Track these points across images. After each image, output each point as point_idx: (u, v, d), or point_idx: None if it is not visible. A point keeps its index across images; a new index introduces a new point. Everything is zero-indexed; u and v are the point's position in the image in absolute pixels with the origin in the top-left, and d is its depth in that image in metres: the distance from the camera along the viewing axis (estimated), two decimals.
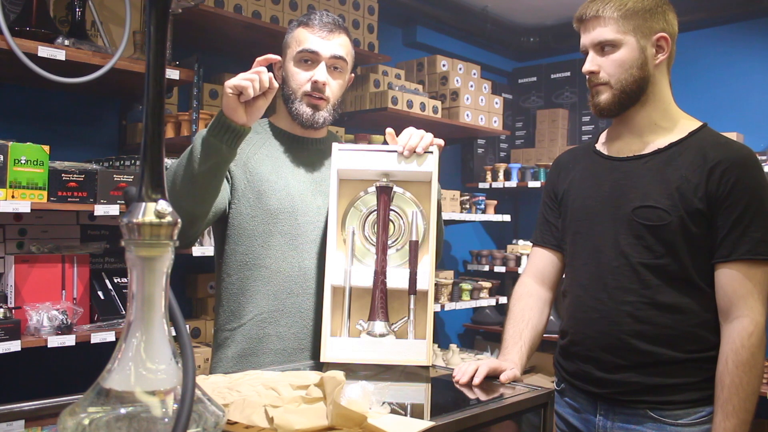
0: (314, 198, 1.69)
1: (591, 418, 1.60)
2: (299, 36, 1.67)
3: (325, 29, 1.66)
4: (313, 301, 1.65)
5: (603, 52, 1.55)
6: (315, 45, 1.65)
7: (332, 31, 1.67)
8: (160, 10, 0.72)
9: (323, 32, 1.66)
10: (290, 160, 1.71)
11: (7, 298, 2.38)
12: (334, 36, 1.67)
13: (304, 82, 1.66)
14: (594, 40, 1.55)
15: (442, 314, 4.45)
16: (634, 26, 1.52)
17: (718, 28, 4.29)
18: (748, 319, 1.44)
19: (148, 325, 0.73)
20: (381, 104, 3.63)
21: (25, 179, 2.26)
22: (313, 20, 1.66)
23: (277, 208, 1.64)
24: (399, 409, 1.12)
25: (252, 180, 1.64)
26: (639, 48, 1.53)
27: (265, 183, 1.65)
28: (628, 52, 1.53)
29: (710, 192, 1.47)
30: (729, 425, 1.41)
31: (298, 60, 1.67)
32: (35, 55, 2.21)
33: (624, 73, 1.53)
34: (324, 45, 1.65)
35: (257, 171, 1.65)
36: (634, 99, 1.56)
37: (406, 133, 1.59)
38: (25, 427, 1.10)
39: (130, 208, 0.72)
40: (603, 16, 1.53)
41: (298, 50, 1.66)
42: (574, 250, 1.66)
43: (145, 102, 0.73)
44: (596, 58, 1.56)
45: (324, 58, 1.66)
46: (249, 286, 1.63)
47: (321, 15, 1.68)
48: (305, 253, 1.65)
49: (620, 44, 1.52)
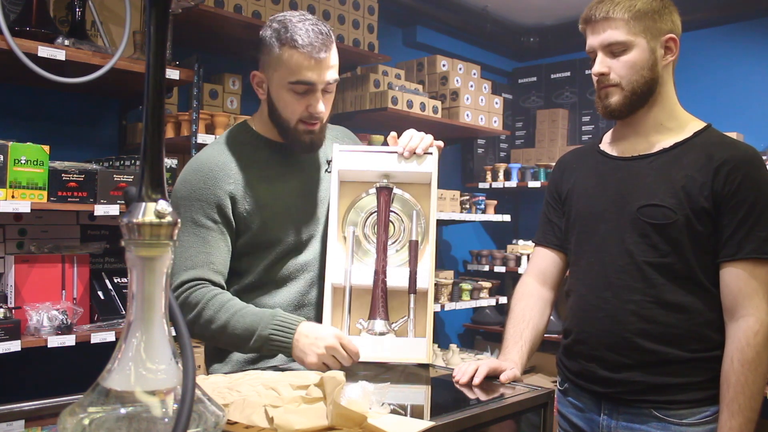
0: (314, 210, 1.66)
1: (595, 418, 1.60)
2: (289, 62, 1.51)
3: (316, 52, 1.51)
4: (316, 311, 1.64)
5: (613, 54, 1.54)
6: (310, 76, 1.52)
7: (323, 51, 1.52)
8: (160, 10, 0.72)
9: (316, 55, 1.51)
10: (285, 175, 1.65)
11: (7, 298, 2.38)
12: (327, 55, 1.53)
13: (300, 111, 1.56)
14: (604, 42, 1.54)
15: (442, 314, 4.45)
16: (644, 27, 1.52)
17: (719, 28, 4.29)
18: (754, 318, 1.43)
19: (148, 325, 0.73)
20: (381, 104, 3.63)
21: (25, 179, 2.26)
22: (301, 41, 1.50)
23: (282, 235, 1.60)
24: (399, 409, 1.12)
25: (252, 211, 1.58)
26: (649, 49, 1.52)
27: (266, 211, 1.59)
28: (638, 54, 1.52)
29: (716, 191, 1.47)
30: (734, 424, 1.41)
31: (289, 89, 1.55)
32: (35, 55, 2.21)
33: (635, 75, 1.52)
34: (319, 74, 1.53)
35: (256, 200, 1.59)
36: (643, 100, 1.55)
37: (406, 134, 1.60)
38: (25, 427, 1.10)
39: (130, 208, 0.72)
40: (613, 18, 1.51)
41: (291, 81, 1.53)
42: (579, 250, 1.66)
43: (145, 102, 0.73)
44: (606, 59, 1.54)
45: (319, 88, 1.55)
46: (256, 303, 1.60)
47: (308, 33, 1.51)
48: (310, 266, 1.64)
49: (631, 46, 1.52)
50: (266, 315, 1.48)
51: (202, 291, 1.52)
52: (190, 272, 1.53)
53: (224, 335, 1.50)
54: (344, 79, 3.80)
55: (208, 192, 1.56)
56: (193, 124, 2.73)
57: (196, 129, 2.73)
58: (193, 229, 1.55)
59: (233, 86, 3.25)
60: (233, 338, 1.49)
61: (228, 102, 3.22)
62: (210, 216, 1.55)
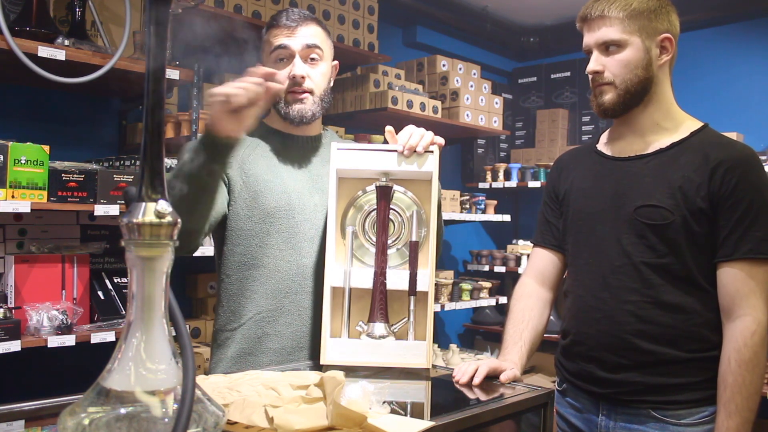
0: (311, 196, 1.68)
1: (593, 418, 1.60)
2: (269, 37, 1.67)
3: (292, 23, 1.65)
4: (311, 300, 1.65)
5: (607, 52, 1.54)
6: (284, 40, 1.64)
7: (300, 24, 1.66)
8: (160, 10, 0.72)
9: (291, 26, 1.65)
10: (285, 159, 1.71)
11: (7, 298, 2.38)
12: (303, 27, 1.66)
13: (284, 80, 1.64)
14: (599, 40, 1.54)
15: (442, 314, 4.45)
16: (639, 27, 1.52)
17: (718, 28, 4.29)
18: (751, 317, 1.43)
19: (148, 325, 0.73)
20: (381, 104, 3.63)
21: (25, 179, 2.26)
22: (280, 19, 1.67)
23: (274, 207, 1.63)
24: (399, 409, 1.12)
25: (248, 181, 1.64)
26: (644, 48, 1.53)
27: (261, 183, 1.64)
28: (633, 53, 1.52)
29: (713, 191, 1.47)
30: (732, 424, 1.41)
31: (273, 60, 1.66)
32: (35, 55, 2.21)
33: (629, 74, 1.53)
34: (292, 39, 1.65)
35: (253, 171, 1.65)
36: (637, 99, 1.56)
37: (406, 131, 1.57)
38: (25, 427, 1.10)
39: (130, 208, 0.72)
40: (608, 16, 1.52)
41: (270, 50, 1.66)
42: (576, 250, 1.66)
43: (145, 102, 0.73)
44: (600, 57, 1.55)
45: (296, 51, 1.65)
46: (248, 286, 1.63)
47: (288, 12, 1.68)
48: (303, 251, 1.65)
49: (625, 44, 1.52)
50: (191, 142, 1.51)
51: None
52: None
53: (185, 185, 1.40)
54: (344, 79, 3.80)
55: None
56: (193, 124, 2.73)
57: (196, 129, 2.73)
58: None
59: None
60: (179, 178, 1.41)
61: None
62: None
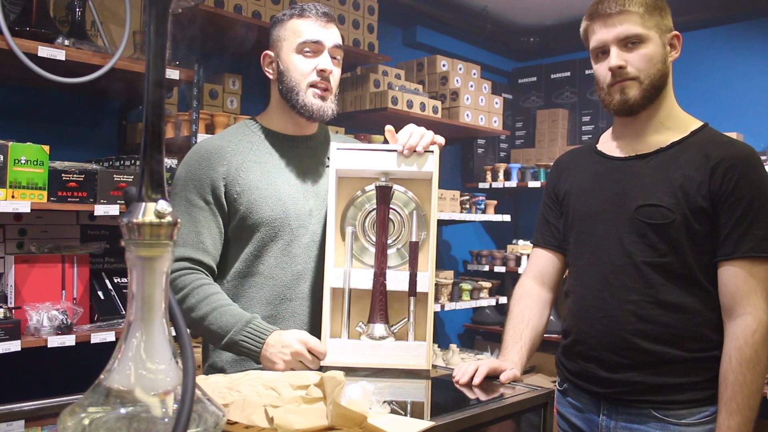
0: (306, 201, 1.67)
1: (594, 418, 1.60)
2: (296, 27, 1.65)
3: (322, 19, 1.65)
4: (307, 305, 1.65)
5: (627, 48, 1.53)
6: (317, 34, 1.64)
7: (329, 21, 1.67)
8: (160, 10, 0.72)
9: (321, 22, 1.65)
10: (280, 164, 1.68)
11: (7, 298, 2.38)
12: (331, 26, 1.67)
13: (309, 72, 1.64)
14: (620, 35, 1.53)
15: (442, 314, 4.45)
16: (656, 22, 1.53)
17: (719, 28, 4.29)
18: (752, 316, 1.43)
19: (148, 325, 0.73)
20: (381, 104, 3.63)
21: (25, 179, 2.26)
22: (308, 11, 1.65)
23: (269, 216, 1.62)
24: (399, 409, 1.12)
25: (242, 192, 1.61)
26: (661, 44, 1.54)
27: (255, 192, 1.62)
28: (654, 47, 1.53)
29: (713, 190, 1.47)
30: (733, 423, 1.41)
31: (299, 50, 1.64)
32: (35, 55, 2.21)
33: (652, 68, 1.52)
34: (325, 34, 1.65)
35: (246, 181, 1.62)
36: (658, 94, 1.56)
37: (406, 131, 1.57)
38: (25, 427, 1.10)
39: (130, 208, 0.72)
40: (629, 11, 1.52)
41: (299, 41, 1.64)
42: (577, 250, 1.66)
43: (145, 102, 0.73)
44: (621, 53, 1.53)
45: (327, 47, 1.65)
46: (243, 294, 1.63)
47: (315, 7, 1.67)
48: (298, 258, 1.64)
49: (647, 39, 1.52)
50: (242, 320, 1.51)
51: (191, 277, 1.56)
52: (180, 250, 1.56)
53: (201, 327, 1.54)
54: (344, 79, 3.79)
55: (202, 173, 1.61)
56: (193, 124, 2.73)
57: (196, 129, 2.73)
58: (186, 208, 1.60)
59: (233, 86, 3.25)
60: (208, 332, 1.54)
61: (228, 102, 3.22)
62: (203, 196, 1.60)
